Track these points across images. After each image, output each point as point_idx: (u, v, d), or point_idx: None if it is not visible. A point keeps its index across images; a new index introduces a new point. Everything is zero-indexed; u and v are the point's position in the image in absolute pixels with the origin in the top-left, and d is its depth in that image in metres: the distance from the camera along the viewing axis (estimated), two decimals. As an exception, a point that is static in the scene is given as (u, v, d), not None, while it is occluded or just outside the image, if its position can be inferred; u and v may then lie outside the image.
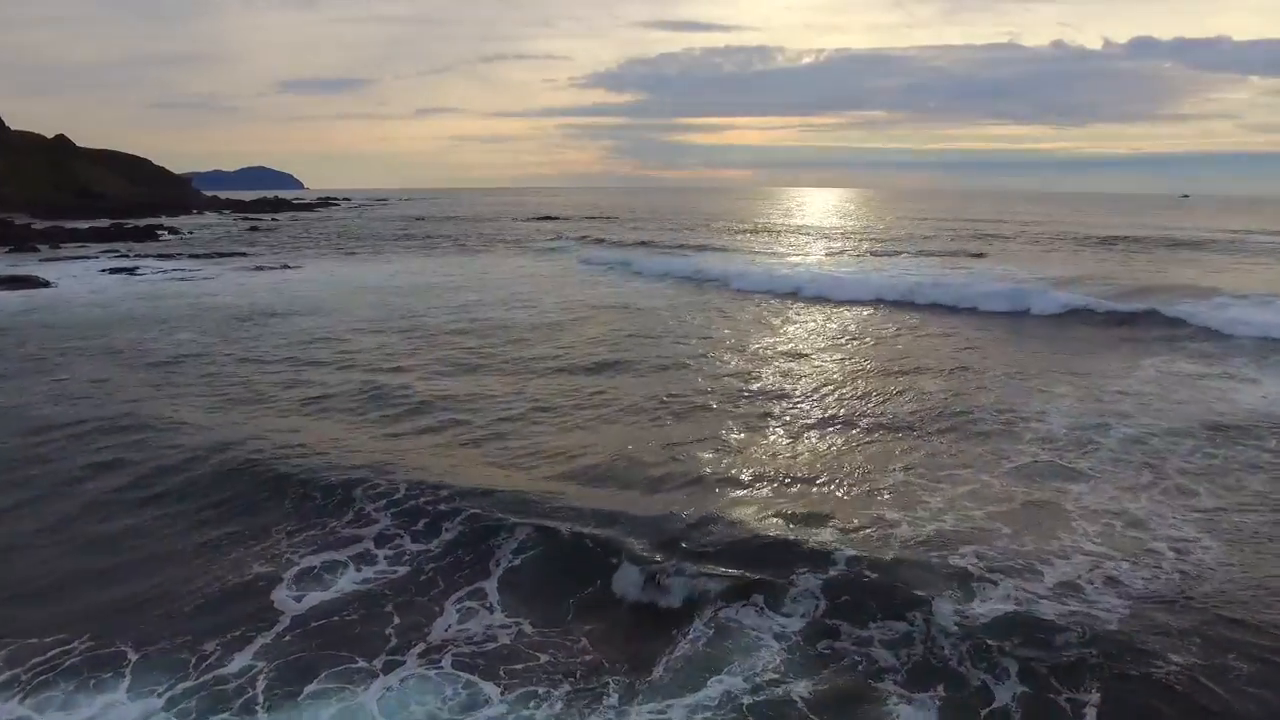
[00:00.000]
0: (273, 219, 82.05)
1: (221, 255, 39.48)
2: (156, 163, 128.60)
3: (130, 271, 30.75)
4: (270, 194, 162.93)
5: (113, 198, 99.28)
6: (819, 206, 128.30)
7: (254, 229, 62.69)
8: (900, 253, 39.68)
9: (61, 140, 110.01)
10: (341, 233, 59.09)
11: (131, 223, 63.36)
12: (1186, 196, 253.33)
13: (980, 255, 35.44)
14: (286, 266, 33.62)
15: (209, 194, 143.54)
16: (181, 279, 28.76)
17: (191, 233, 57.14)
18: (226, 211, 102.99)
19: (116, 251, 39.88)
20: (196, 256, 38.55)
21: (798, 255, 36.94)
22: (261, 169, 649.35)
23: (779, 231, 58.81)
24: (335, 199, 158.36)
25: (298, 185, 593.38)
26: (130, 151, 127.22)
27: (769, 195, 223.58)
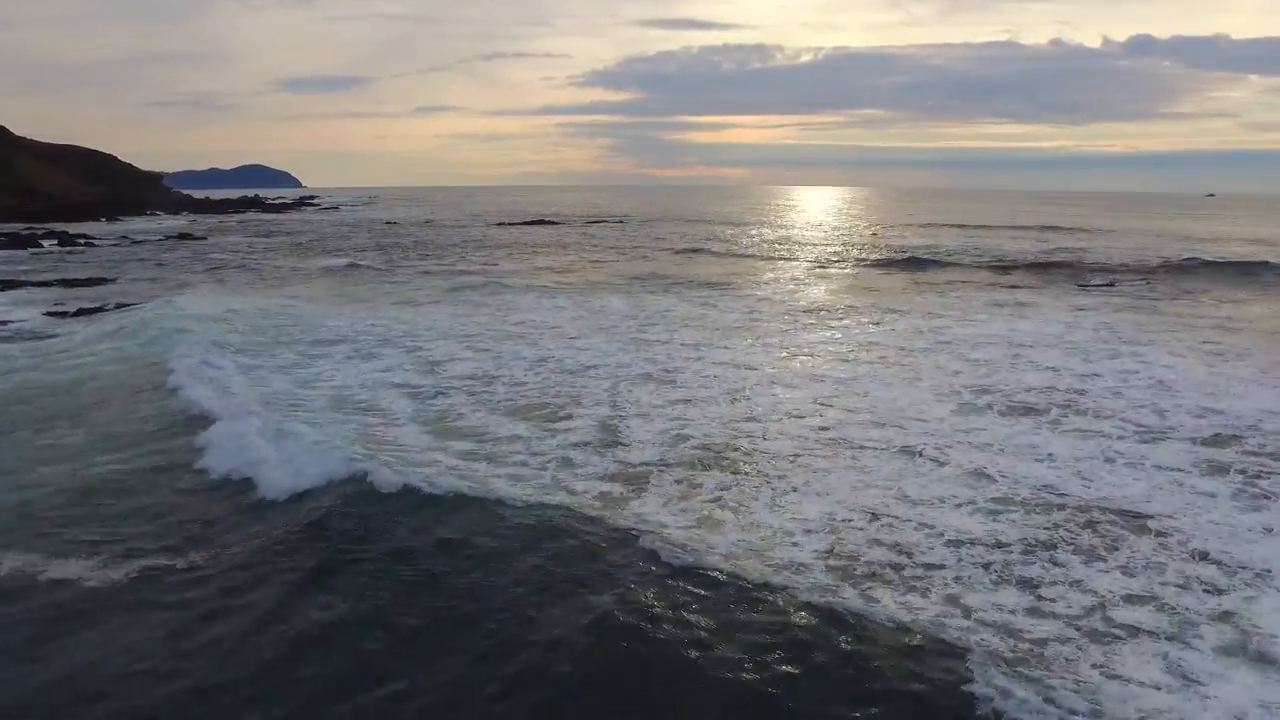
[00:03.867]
0: (219, 221, 72.86)
1: (75, 284, 28.76)
2: (156, 162, 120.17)
3: None
4: (252, 193, 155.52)
5: (59, 197, 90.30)
6: (833, 207, 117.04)
7: (183, 236, 52.05)
8: (1012, 284, 28.71)
9: (2, 134, 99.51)
10: (276, 244, 48.19)
11: (56, 227, 53.95)
12: (1212, 195, 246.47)
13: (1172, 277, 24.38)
14: (122, 306, 22.90)
15: (187, 192, 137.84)
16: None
17: (89, 246, 46.13)
18: (184, 212, 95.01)
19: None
20: (32, 284, 28.08)
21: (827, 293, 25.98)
22: (259, 167, 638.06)
23: (785, 243, 47.85)
24: (316, 199, 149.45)
25: (295, 184, 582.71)
26: (129, 150, 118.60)
27: (773, 195, 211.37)
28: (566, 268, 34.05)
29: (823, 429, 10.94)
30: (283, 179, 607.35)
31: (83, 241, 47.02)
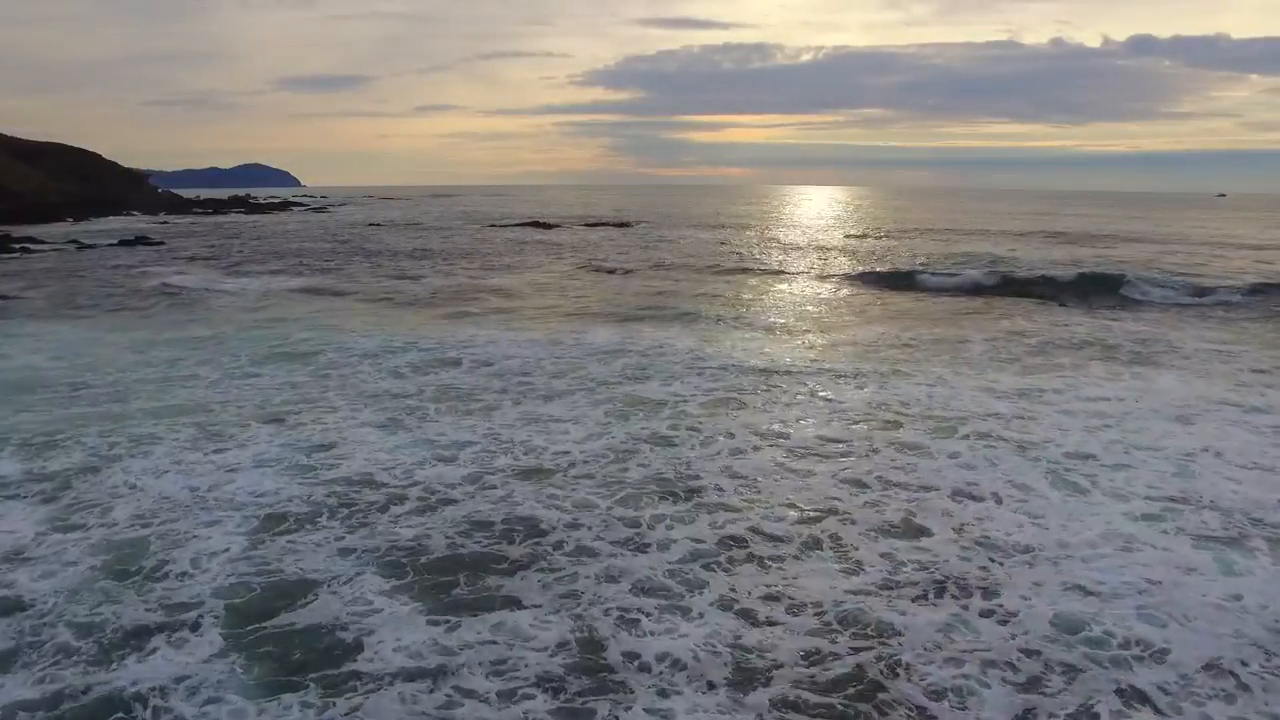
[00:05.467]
0: (191, 223, 68.18)
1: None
2: (156, 161, 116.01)
3: None
4: (244, 192, 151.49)
5: (31, 196, 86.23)
6: (838, 208, 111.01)
7: (138, 240, 47.09)
8: (1096, 306, 23.47)
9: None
10: (223, 249, 43.04)
11: (6, 229, 49.00)
12: (1223, 195, 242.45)
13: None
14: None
15: (181, 191, 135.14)
16: None
17: (24, 251, 41.09)
18: (162, 212, 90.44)
19: None
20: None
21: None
22: (258, 166, 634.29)
23: (798, 252, 42.58)
24: (307, 199, 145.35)
25: (295, 183, 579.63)
26: (129, 149, 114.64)
27: (774, 195, 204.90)
28: (552, 284, 28.69)
29: (1007, 615, 5.89)
30: (282, 178, 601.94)
31: (19, 247, 41.92)
